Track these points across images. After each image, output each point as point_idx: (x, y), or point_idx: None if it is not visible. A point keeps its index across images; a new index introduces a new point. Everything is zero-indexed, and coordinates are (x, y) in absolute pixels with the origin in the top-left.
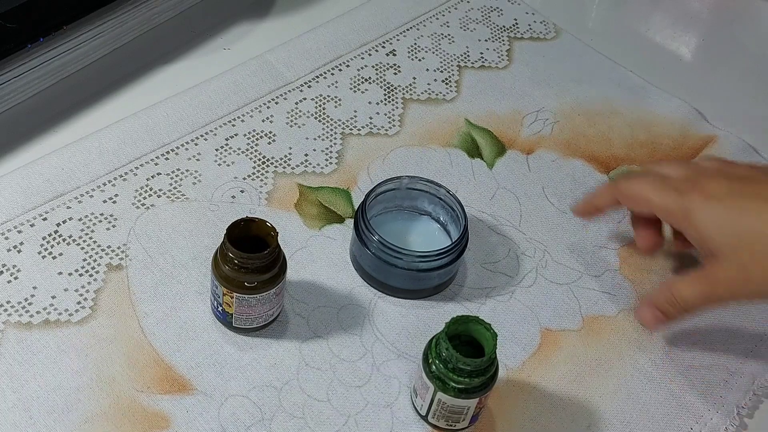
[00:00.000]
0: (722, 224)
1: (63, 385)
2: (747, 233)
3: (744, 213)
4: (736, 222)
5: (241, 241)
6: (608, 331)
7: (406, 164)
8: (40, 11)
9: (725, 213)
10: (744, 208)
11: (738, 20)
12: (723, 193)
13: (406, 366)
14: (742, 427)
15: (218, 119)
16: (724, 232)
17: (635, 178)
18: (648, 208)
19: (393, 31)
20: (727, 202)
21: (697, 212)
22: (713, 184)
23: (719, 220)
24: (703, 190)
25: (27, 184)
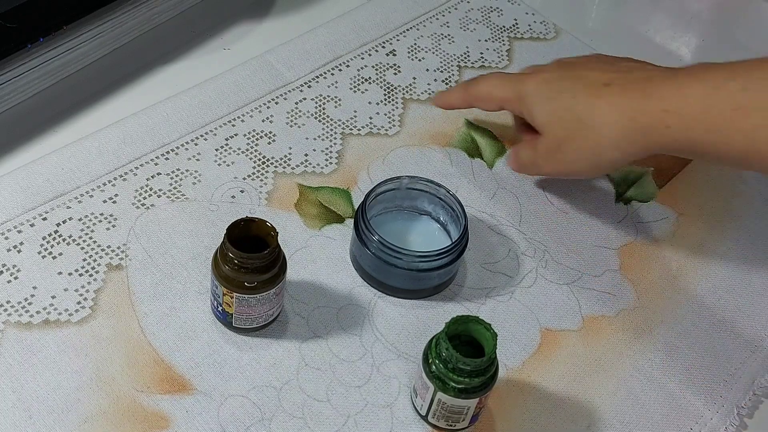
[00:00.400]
0: (545, 103)
1: (63, 385)
2: (562, 111)
3: (562, 93)
4: (555, 101)
5: (241, 241)
6: (608, 331)
7: (406, 164)
8: (40, 11)
9: (549, 94)
10: (563, 89)
11: (738, 20)
12: (551, 77)
13: (406, 366)
14: (742, 427)
15: (218, 119)
16: (546, 110)
17: (481, 78)
18: (493, 103)
19: (393, 31)
20: (553, 84)
21: (528, 96)
22: (546, 71)
23: (543, 101)
24: (536, 76)
25: (27, 184)
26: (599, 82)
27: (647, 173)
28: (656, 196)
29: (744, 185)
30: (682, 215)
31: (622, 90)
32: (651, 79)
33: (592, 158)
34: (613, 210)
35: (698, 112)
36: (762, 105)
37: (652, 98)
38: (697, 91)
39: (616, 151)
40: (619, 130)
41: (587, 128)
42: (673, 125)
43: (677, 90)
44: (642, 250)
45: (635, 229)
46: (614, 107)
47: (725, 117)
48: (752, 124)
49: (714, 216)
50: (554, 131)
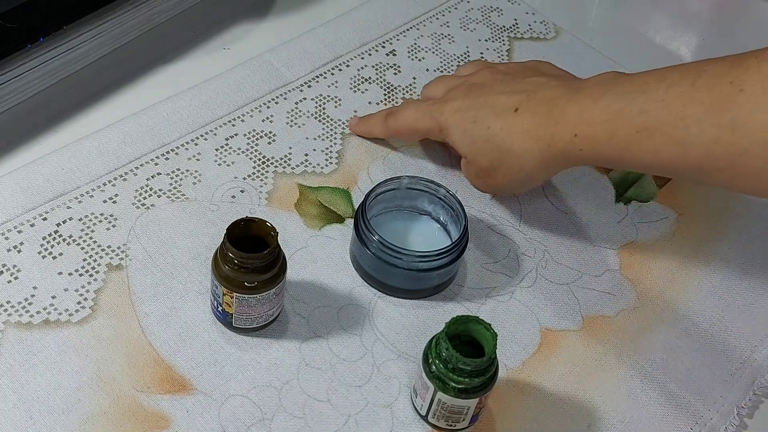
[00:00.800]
0: (463, 135)
1: (63, 385)
2: (481, 143)
3: (476, 124)
4: (471, 132)
5: (241, 241)
6: (608, 331)
7: (406, 164)
8: (40, 11)
9: (464, 125)
10: (476, 118)
11: (738, 20)
12: (462, 106)
13: (406, 366)
14: (742, 427)
15: (218, 119)
16: (466, 142)
17: (400, 110)
18: (416, 135)
19: (393, 31)
20: (466, 114)
21: (449, 128)
22: (456, 98)
23: (461, 132)
24: (449, 105)
25: (27, 184)
26: (509, 108)
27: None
28: (656, 196)
29: None
30: (682, 215)
31: (531, 116)
32: (555, 102)
33: (520, 180)
34: (613, 210)
35: (605, 137)
36: (661, 128)
37: (560, 124)
38: (599, 117)
39: (541, 172)
40: (539, 156)
41: (509, 157)
42: (584, 148)
43: (581, 115)
44: (642, 250)
45: (635, 229)
46: (528, 135)
47: (630, 139)
48: (656, 143)
49: (714, 216)
50: (478, 161)
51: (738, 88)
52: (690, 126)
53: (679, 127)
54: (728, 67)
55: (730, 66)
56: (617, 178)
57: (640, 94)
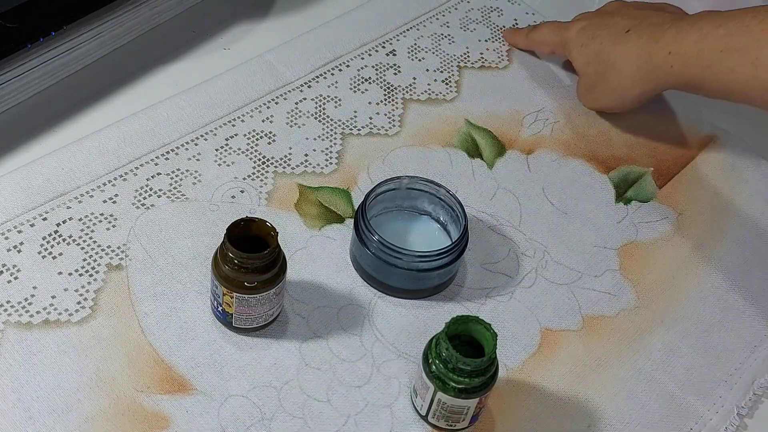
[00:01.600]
0: (580, 50)
1: (63, 385)
2: (593, 56)
3: (593, 40)
4: (587, 47)
5: (241, 241)
6: (608, 331)
7: (406, 164)
8: (40, 11)
9: (583, 41)
10: (594, 36)
11: None
12: (588, 25)
13: (406, 366)
14: (742, 427)
15: (218, 119)
16: (581, 55)
17: (539, 26)
18: (546, 47)
19: (393, 31)
20: (587, 31)
21: (569, 42)
22: (586, 18)
23: (579, 47)
24: (577, 24)
25: (27, 184)
26: (622, 29)
27: (647, 173)
28: (656, 196)
29: (744, 185)
30: (682, 215)
31: (638, 36)
32: (661, 26)
33: (619, 94)
34: (613, 210)
35: (693, 54)
36: (741, 47)
37: (659, 43)
38: (692, 37)
39: (637, 88)
40: (636, 71)
41: (612, 70)
42: (675, 65)
43: (678, 36)
44: (642, 250)
45: (635, 229)
46: (632, 52)
47: (713, 57)
48: (734, 62)
49: (714, 216)
50: (588, 73)
51: None
52: (763, 48)
53: (754, 49)
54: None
55: None
56: (617, 178)
57: (730, 20)
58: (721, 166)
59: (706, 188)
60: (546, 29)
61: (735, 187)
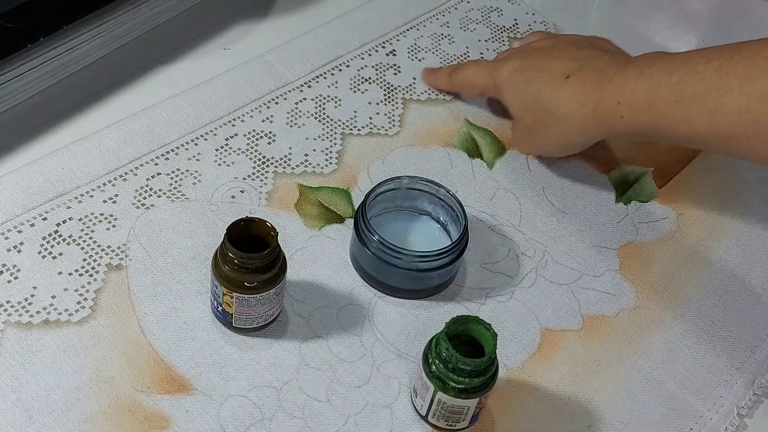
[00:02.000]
0: (515, 94)
1: (63, 385)
2: (531, 102)
3: (530, 84)
4: (523, 92)
5: (241, 241)
6: (608, 331)
7: (406, 164)
8: (40, 11)
9: (518, 84)
10: (530, 79)
11: (738, 20)
12: (521, 66)
13: (406, 366)
14: (742, 427)
15: (218, 119)
16: (517, 100)
17: (463, 66)
18: (474, 90)
19: (393, 31)
20: (522, 74)
21: (502, 85)
22: (517, 58)
23: (514, 91)
24: (508, 65)
25: (27, 184)
26: (561, 74)
27: (647, 173)
28: (656, 196)
29: (744, 185)
30: (682, 215)
31: (581, 83)
32: (605, 72)
33: (561, 142)
34: (613, 210)
35: (645, 105)
36: (696, 96)
37: (606, 92)
38: (642, 86)
39: (581, 136)
40: (582, 119)
41: (554, 118)
42: (625, 115)
43: (626, 84)
44: (642, 250)
45: (635, 229)
46: (576, 100)
47: (668, 108)
48: (690, 112)
49: (714, 216)
50: (525, 119)
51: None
52: (722, 96)
53: (713, 97)
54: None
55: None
56: (617, 178)
57: (682, 67)
58: (721, 166)
59: (706, 188)
60: (471, 70)
61: (735, 187)
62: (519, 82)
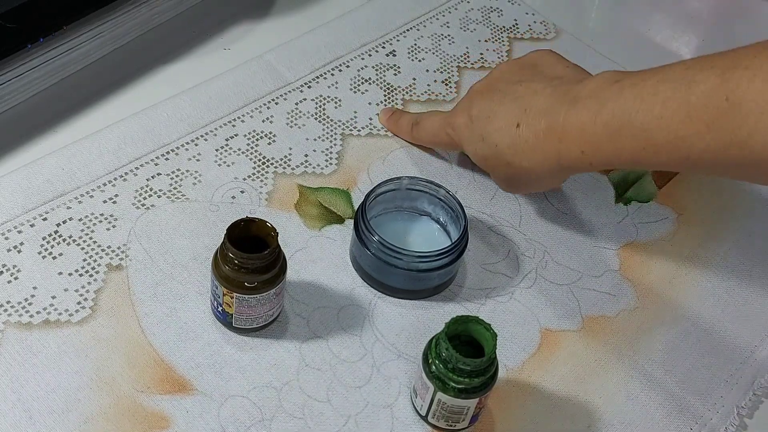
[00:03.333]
0: (476, 151)
1: (63, 385)
2: (493, 159)
3: (485, 142)
4: (482, 149)
5: (241, 241)
6: (608, 331)
7: (406, 165)
8: (40, 11)
9: (474, 141)
10: (483, 137)
11: (738, 20)
12: (470, 121)
13: (406, 366)
14: (742, 427)
15: (218, 119)
16: (480, 157)
17: (422, 122)
18: (438, 147)
19: (393, 31)
20: (473, 129)
21: (462, 144)
22: (464, 110)
23: (473, 148)
24: (458, 121)
25: (27, 184)
26: (510, 125)
27: (647, 173)
28: (656, 196)
29: (744, 185)
30: (682, 215)
31: (533, 133)
32: (552, 115)
33: (539, 187)
34: (613, 210)
35: (612, 153)
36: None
37: (564, 142)
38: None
39: (555, 180)
40: (549, 169)
41: (521, 171)
42: (594, 162)
43: (583, 133)
44: (642, 250)
45: (635, 229)
46: (535, 152)
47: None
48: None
49: (714, 216)
50: (496, 174)
51: (735, 105)
52: (693, 145)
53: (682, 147)
54: (720, 80)
55: (721, 78)
56: (617, 178)
57: (636, 112)
58: None
59: (706, 188)
60: (431, 125)
61: (735, 187)
62: (474, 141)
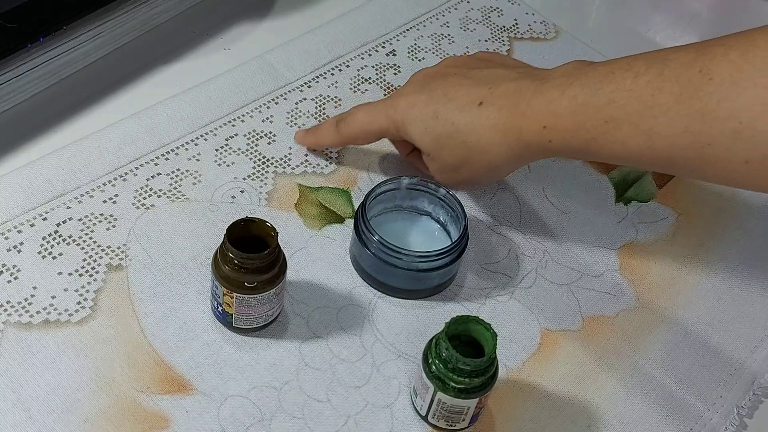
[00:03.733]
0: (425, 132)
1: (63, 385)
2: (445, 139)
3: (438, 119)
4: (434, 128)
5: (241, 241)
6: (608, 331)
7: (406, 164)
8: (40, 11)
9: (424, 120)
10: (437, 114)
11: (738, 20)
12: (419, 101)
13: (406, 366)
14: (742, 427)
15: (218, 119)
16: (429, 138)
17: (349, 115)
18: (371, 137)
19: (393, 31)
20: (424, 108)
21: (405, 124)
22: (410, 93)
23: (422, 129)
24: (404, 100)
25: (27, 184)
26: (472, 102)
27: (647, 173)
28: (656, 196)
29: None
30: (682, 215)
31: (497, 110)
32: (521, 94)
33: (489, 173)
34: (613, 210)
35: (573, 128)
36: (629, 118)
37: (528, 117)
38: (567, 108)
39: (510, 164)
40: (507, 149)
41: (476, 152)
42: (553, 140)
43: (549, 107)
44: (642, 250)
45: (635, 229)
46: (496, 129)
47: (598, 130)
48: (624, 134)
49: (714, 216)
50: (443, 157)
51: (707, 77)
52: (658, 116)
53: (647, 117)
54: (695, 55)
55: (696, 54)
56: (617, 178)
57: (607, 84)
58: None
59: (706, 188)
60: (362, 114)
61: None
62: (424, 119)
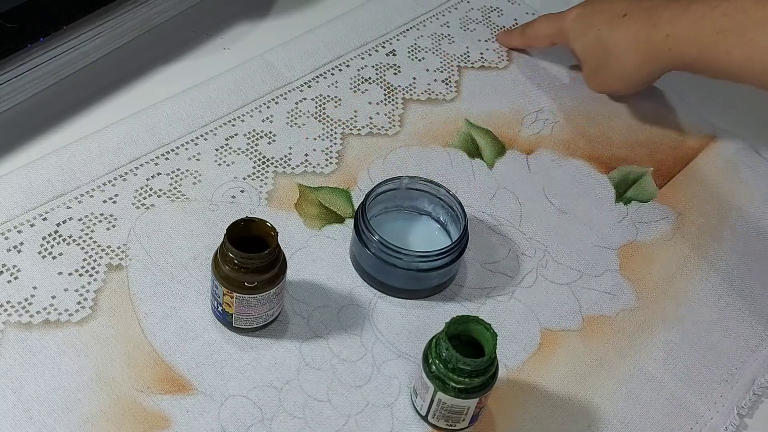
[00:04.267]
0: (579, 38)
1: (63, 385)
2: (592, 44)
3: (591, 28)
4: (586, 36)
5: (241, 241)
6: (608, 331)
7: (406, 164)
8: (40, 11)
9: (581, 29)
10: (592, 23)
11: None
12: (583, 12)
13: (406, 366)
14: (742, 427)
15: (218, 119)
16: (581, 44)
17: (532, 23)
18: (545, 40)
19: (393, 31)
20: (584, 19)
21: (569, 32)
22: (580, 6)
23: (578, 36)
24: (572, 12)
25: (27, 184)
26: (618, 14)
27: (647, 173)
28: (656, 196)
29: (744, 185)
30: (682, 215)
31: (635, 21)
32: (657, 9)
33: (623, 78)
34: (613, 210)
35: (689, 37)
36: (736, 29)
37: (657, 27)
38: (688, 19)
39: (639, 71)
40: (636, 54)
41: (613, 56)
42: (673, 48)
43: (674, 18)
44: (642, 250)
45: (635, 229)
46: (630, 36)
47: (710, 40)
48: (729, 44)
49: (714, 216)
50: (589, 61)
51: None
52: (759, 27)
53: (749, 29)
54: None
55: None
56: (617, 178)
57: (725, 1)
58: (720, 166)
59: (706, 188)
60: (541, 23)
61: (734, 187)
62: (581, 26)
